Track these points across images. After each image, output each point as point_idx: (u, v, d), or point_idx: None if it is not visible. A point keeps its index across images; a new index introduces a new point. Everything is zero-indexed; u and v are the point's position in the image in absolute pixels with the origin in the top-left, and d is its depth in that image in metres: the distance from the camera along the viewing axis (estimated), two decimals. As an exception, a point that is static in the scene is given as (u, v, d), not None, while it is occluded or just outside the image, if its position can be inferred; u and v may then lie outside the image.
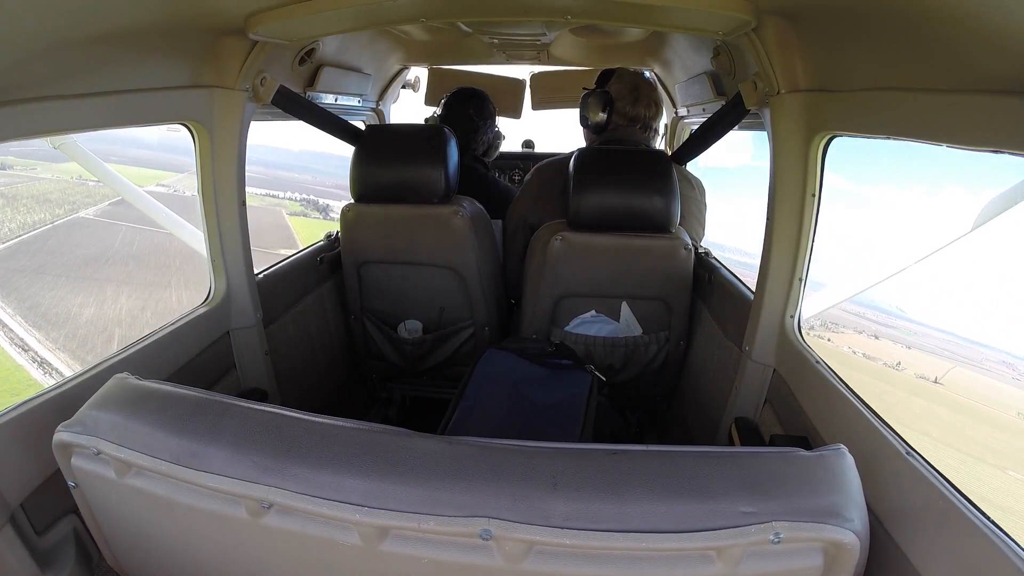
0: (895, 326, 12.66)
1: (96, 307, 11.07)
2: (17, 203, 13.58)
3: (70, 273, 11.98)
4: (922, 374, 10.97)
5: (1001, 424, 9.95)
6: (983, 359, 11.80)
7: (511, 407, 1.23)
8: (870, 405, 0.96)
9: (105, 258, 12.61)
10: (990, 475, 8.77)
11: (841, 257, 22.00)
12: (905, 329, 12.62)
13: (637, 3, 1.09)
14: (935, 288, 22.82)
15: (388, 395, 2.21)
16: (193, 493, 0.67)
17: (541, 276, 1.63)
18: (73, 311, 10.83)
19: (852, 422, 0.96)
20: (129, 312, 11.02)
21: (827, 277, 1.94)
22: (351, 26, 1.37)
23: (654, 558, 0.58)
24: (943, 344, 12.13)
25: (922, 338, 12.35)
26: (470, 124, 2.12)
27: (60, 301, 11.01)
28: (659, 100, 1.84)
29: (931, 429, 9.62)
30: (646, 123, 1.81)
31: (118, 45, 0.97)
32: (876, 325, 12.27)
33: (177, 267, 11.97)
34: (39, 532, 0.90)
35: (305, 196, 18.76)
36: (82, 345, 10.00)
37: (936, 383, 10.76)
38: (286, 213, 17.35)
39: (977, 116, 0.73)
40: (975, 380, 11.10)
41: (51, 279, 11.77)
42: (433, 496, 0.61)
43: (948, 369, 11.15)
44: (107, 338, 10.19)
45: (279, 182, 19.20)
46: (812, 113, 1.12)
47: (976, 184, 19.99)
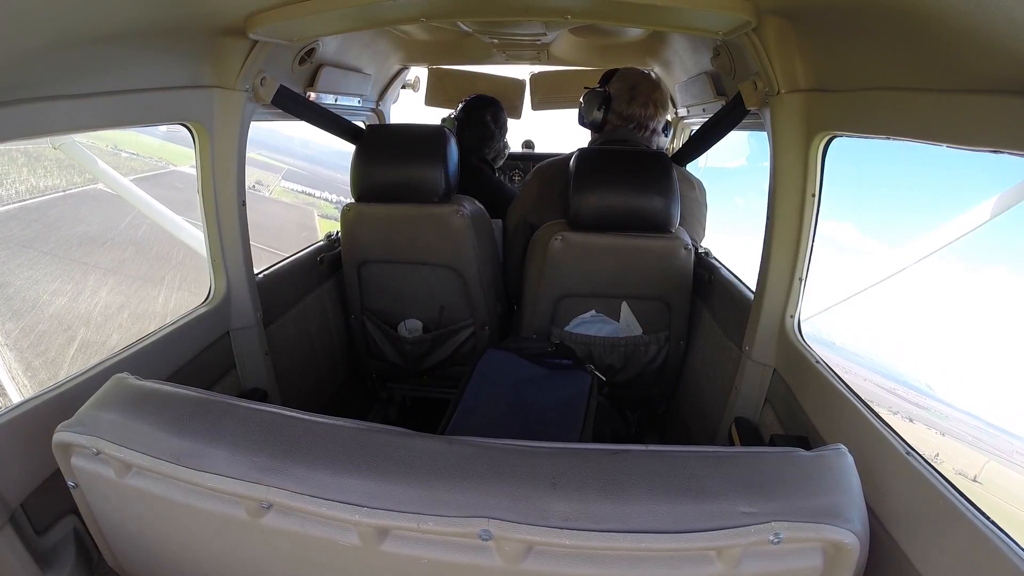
0: (926, 406, 12.13)
1: (70, 298, 9.38)
2: (37, 164, 11.55)
3: (58, 251, 10.26)
4: (960, 469, 10.43)
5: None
6: (1012, 452, 11.38)
7: (511, 407, 1.23)
8: (870, 405, 0.96)
9: (103, 240, 10.98)
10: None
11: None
12: (937, 412, 12.14)
13: (637, 3, 1.09)
14: (957, 360, 22.26)
15: (388, 395, 2.21)
16: (193, 493, 0.67)
17: (541, 276, 1.63)
18: (42, 299, 9.13)
19: (852, 422, 0.96)
20: (104, 310, 9.46)
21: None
22: (351, 26, 1.37)
23: (654, 558, 0.58)
24: (973, 432, 11.59)
25: (954, 423, 11.73)
26: (487, 131, 2.19)
27: (33, 284, 9.33)
28: (660, 100, 1.81)
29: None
30: (642, 123, 1.79)
31: (118, 45, 0.97)
32: (909, 405, 11.94)
33: (177, 262, 10.56)
34: (39, 532, 0.90)
35: (340, 198, 18.15)
36: (34, 345, 8.18)
37: (975, 481, 10.39)
38: (317, 214, 16.47)
39: (977, 116, 0.73)
40: (1011, 479, 10.65)
41: (34, 256, 9.98)
42: (433, 496, 0.61)
43: (983, 464, 10.66)
44: (66, 340, 8.51)
45: (319, 180, 18.35)
46: (812, 113, 1.12)
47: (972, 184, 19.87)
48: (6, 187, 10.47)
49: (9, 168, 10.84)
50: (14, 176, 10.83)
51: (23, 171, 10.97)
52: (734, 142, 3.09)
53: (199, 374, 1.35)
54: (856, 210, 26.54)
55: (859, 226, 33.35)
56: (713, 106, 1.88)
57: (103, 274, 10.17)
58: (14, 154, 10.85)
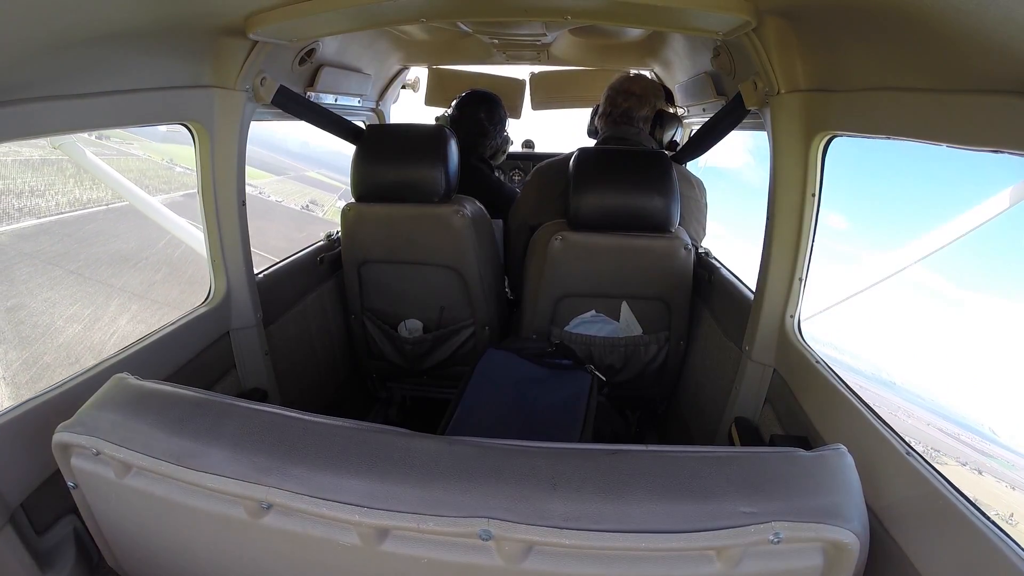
0: (993, 454, 11.78)
1: (85, 326, 8.59)
2: (85, 176, 10.28)
3: (85, 271, 9.42)
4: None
5: None
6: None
7: (511, 407, 1.23)
8: (870, 405, 0.96)
9: (136, 259, 10.14)
10: None
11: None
12: (1004, 460, 11.78)
13: (637, 3, 1.09)
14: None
15: (388, 395, 2.21)
16: (193, 493, 0.67)
17: (541, 276, 1.63)
18: (56, 325, 8.38)
19: (852, 422, 0.96)
20: (119, 342, 7.26)
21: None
22: (351, 26, 1.37)
23: (654, 558, 0.58)
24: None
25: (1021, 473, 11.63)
26: (480, 128, 2.13)
27: (51, 307, 8.58)
28: (642, 90, 1.84)
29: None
30: (627, 113, 1.83)
31: (118, 45, 0.97)
32: (975, 453, 11.58)
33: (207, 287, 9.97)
34: (39, 532, 0.90)
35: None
36: (33, 381, 7.19)
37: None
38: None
39: (977, 116, 0.73)
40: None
41: (58, 275, 9.07)
42: (433, 496, 0.60)
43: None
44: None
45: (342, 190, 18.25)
46: (812, 113, 1.12)
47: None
48: (47, 199, 9.67)
49: (55, 179, 10.04)
50: (59, 187, 9.98)
51: (69, 182, 10.13)
52: (734, 144, 3.09)
53: (199, 374, 1.35)
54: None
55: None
56: (713, 106, 1.88)
57: (127, 298, 9.39)
58: (64, 163, 9.78)
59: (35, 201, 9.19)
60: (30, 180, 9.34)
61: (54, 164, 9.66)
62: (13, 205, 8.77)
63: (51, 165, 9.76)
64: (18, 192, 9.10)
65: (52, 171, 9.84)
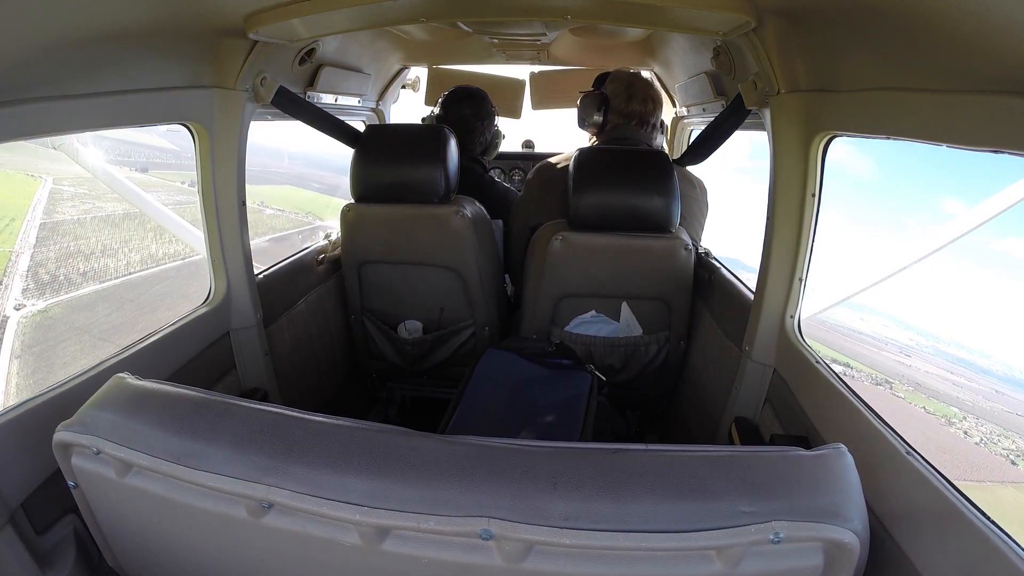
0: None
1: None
2: (165, 231, 9.03)
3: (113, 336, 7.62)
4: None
5: None
6: None
7: (511, 407, 1.23)
8: (870, 405, 0.96)
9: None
10: None
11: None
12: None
13: (637, 3, 1.09)
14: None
15: (388, 395, 2.21)
16: (193, 493, 0.67)
17: (541, 276, 1.63)
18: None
19: (852, 422, 0.96)
20: None
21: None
22: (351, 26, 1.37)
23: (654, 558, 0.58)
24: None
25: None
26: (467, 125, 2.09)
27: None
28: (656, 96, 1.85)
29: None
30: (642, 119, 1.82)
31: (118, 45, 0.97)
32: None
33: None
34: (39, 532, 0.90)
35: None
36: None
37: None
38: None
39: (977, 116, 0.73)
40: None
41: (108, 351, 6.84)
42: (433, 496, 0.61)
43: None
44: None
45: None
46: (812, 113, 1.12)
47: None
48: (118, 258, 8.38)
49: (132, 234, 8.77)
50: (135, 243, 8.72)
51: (148, 236, 8.78)
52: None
53: (199, 374, 1.35)
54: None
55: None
56: (713, 106, 1.88)
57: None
58: (144, 218, 7.95)
59: (104, 262, 8.12)
60: (105, 238, 8.25)
61: (135, 218, 8.44)
62: (78, 269, 7.74)
63: (132, 219, 8.38)
64: (87, 254, 7.85)
65: (133, 225, 8.63)
